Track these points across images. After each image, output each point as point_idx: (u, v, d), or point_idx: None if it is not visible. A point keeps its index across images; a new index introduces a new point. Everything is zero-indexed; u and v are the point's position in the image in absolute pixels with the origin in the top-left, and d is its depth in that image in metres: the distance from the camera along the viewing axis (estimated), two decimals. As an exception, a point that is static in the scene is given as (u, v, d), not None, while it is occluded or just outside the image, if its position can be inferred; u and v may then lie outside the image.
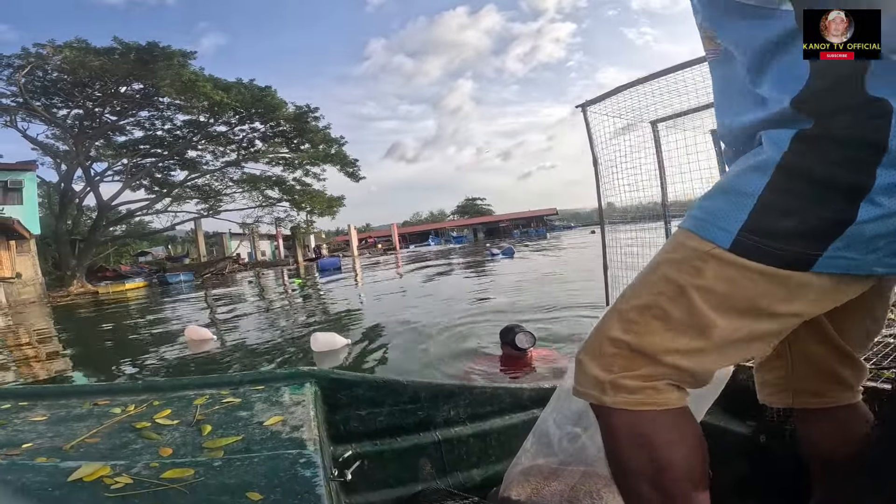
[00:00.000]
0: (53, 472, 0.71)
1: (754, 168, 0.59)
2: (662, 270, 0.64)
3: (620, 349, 0.64)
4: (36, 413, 0.93)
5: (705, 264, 0.60)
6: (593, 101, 2.91)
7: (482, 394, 1.28)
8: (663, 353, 0.61)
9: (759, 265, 0.57)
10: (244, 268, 30.10)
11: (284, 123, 27.15)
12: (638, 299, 0.65)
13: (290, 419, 0.91)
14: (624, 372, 0.63)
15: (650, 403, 0.62)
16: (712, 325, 0.59)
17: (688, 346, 0.61)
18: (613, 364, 0.64)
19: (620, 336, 0.64)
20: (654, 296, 0.63)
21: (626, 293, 0.69)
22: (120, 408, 0.94)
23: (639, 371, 0.62)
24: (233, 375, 1.10)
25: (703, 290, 0.60)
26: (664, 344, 0.61)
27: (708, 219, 0.62)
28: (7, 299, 15.93)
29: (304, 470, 0.75)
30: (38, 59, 20.48)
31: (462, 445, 1.23)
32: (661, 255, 0.67)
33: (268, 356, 5.09)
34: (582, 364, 0.68)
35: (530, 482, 1.01)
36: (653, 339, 0.62)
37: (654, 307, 0.62)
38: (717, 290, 0.59)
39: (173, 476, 0.73)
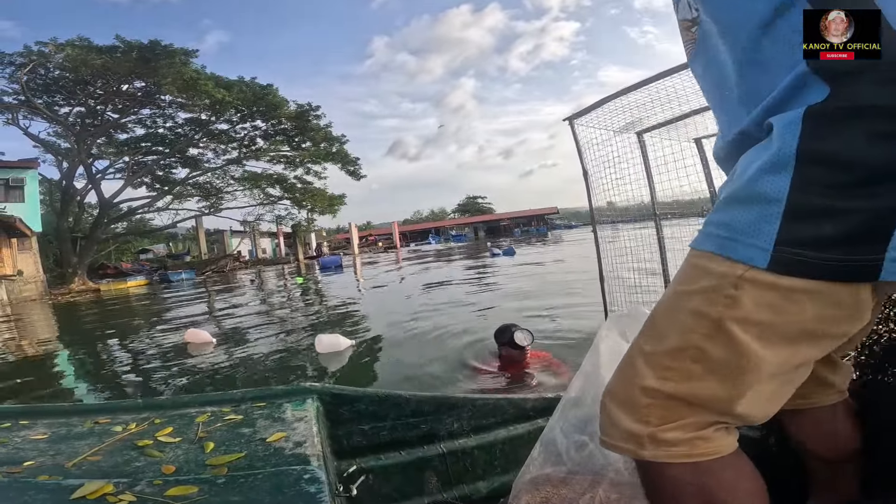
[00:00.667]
0: (56, 489, 0.71)
1: (770, 166, 0.50)
2: (690, 304, 0.55)
3: (656, 399, 0.56)
4: (36, 431, 0.92)
5: (740, 291, 0.52)
6: (580, 114, 2.94)
7: (485, 405, 1.27)
8: (709, 400, 0.54)
9: (807, 282, 0.49)
10: (245, 266, 30.17)
11: (286, 121, 27.16)
12: (667, 341, 0.56)
13: (293, 435, 0.90)
14: (664, 424, 0.56)
15: (698, 455, 0.55)
16: (760, 360, 0.51)
17: (735, 388, 0.53)
18: (650, 416, 0.56)
19: (655, 385, 0.56)
20: (687, 335, 0.55)
21: (649, 332, 0.60)
22: (121, 426, 0.94)
23: (682, 421, 0.55)
24: (234, 393, 1.10)
25: (744, 321, 0.52)
26: (708, 389, 0.54)
27: (732, 236, 0.53)
28: (9, 297, 15.98)
29: (309, 486, 0.74)
30: (40, 57, 20.49)
31: (467, 457, 1.22)
32: (681, 286, 0.58)
33: (271, 359, 5.08)
34: (610, 414, 0.61)
35: (539, 491, 1.00)
36: (694, 386, 0.54)
37: (689, 349, 0.54)
38: (760, 320, 0.51)
39: (177, 493, 0.72)
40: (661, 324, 0.59)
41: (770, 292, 0.50)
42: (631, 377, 0.59)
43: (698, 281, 0.55)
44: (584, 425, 1.01)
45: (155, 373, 4.98)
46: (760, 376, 0.52)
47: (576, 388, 1.03)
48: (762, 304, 0.51)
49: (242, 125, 27.30)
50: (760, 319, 0.51)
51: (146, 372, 5.06)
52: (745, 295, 0.51)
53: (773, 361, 0.52)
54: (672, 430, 0.55)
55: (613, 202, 3.16)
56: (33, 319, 11.44)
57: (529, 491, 0.98)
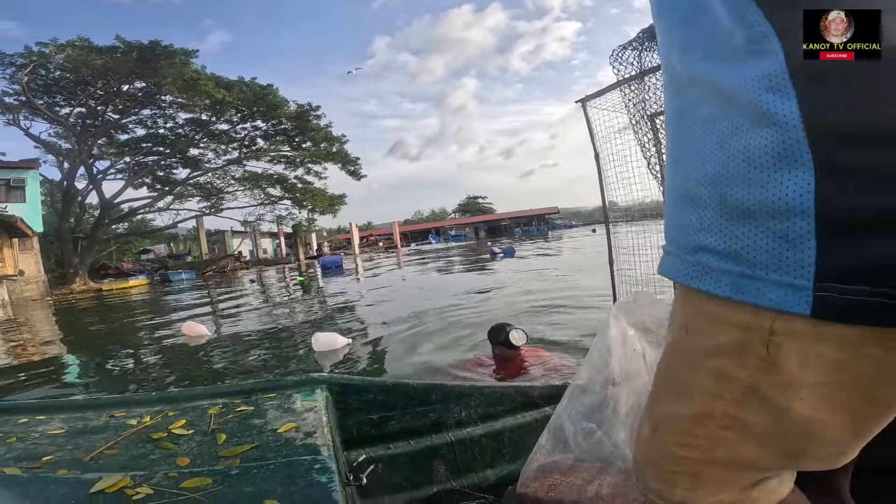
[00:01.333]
0: (75, 484, 0.72)
1: (772, 158, 0.36)
2: (711, 364, 0.43)
3: (682, 466, 0.48)
4: (53, 426, 0.94)
5: (778, 351, 0.38)
6: (593, 96, 2.91)
7: (493, 393, 1.28)
8: (752, 461, 0.45)
9: (875, 330, 0.34)
10: (246, 266, 30.16)
11: (286, 122, 27.17)
12: (689, 404, 0.46)
13: (303, 426, 0.91)
14: (697, 489, 0.47)
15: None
16: (821, 425, 0.40)
17: (787, 450, 0.44)
18: (677, 481, 0.48)
19: (679, 452, 0.47)
20: (713, 401, 0.44)
21: (666, 386, 0.50)
22: (136, 419, 0.95)
23: (718, 485, 0.47)
24: (244, 384, 1.11)
25: (789, 387, 0.39)
26: (749, 454, 0.45)
27: (748, 272, 0.38)
28: (10, 296, 16.00)
29: (320, 476, 0.75)
30: (40, 58, 20.51)
31: (475, 446, 1.23)
32: (695, 337, 0.45)
33: (270, 355, 5.11)
34: (639, 465, 0.54)
35: (547, 478, 1.01)
36: (731, 451, 0.45)
37: (716, 416, 0.44)
38: (813, 382, 0.39)
39: (192, 485, 0.73)
40: (679, 380, 0.48)
41: (821, 346, 0.37)
42: (652, 439, 0.51)
43: (714, 335, 0.42)
44: (591, 413, 1.01)
45: (155, 366, 5.04)
46: (823, 439, 0.42)
47: (583, 375, 1.03)
48: (811, 362, 0.38)
49: (243, 125, 27.33)
50: (814, 381, 0.38)
51: (148, 366, 5.11)
52: (784, 355, 0.38)
53: (838, 424, 0.40)
54: (708, 495, 0.47)
55: (615, 202, 3.16)
56: (37, 319, 11.45)
57: (537, 478, 0.99)
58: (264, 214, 31.27)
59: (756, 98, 0.37)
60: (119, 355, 5.97)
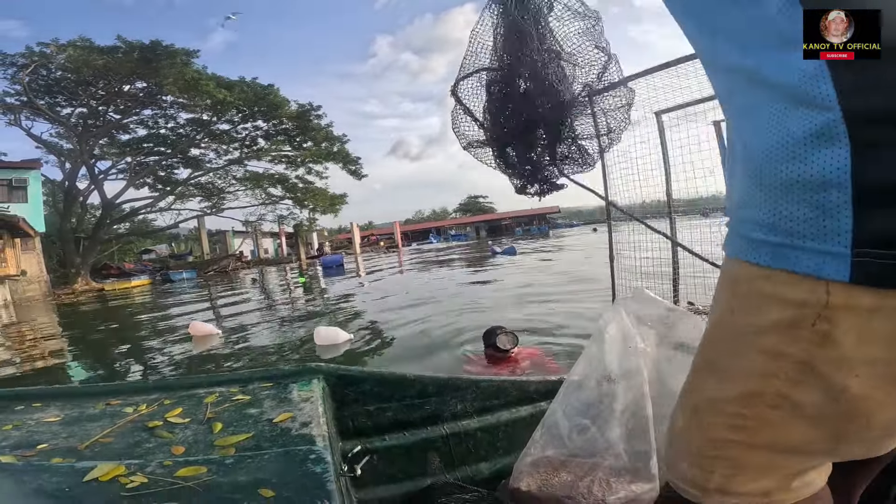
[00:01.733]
0: (70, 472, 0.72)
1: (811, 136, 0.38)
2: (761, 343, 0.43)
3: (725, 450, 0.47)
4: (49, 414, 0.94)
5: (832, 325, 0.39)
6: (598, 93, 2.91)
7: (489, 387, 1.29)
8: (800, 445, 0.45)
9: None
10: (247, 265, 30.21)
11: (287, 121, 27.19)
12: (736, 384, 0.46)
13: (300, 416, 0.92)
14: (736, 475, 0.47)
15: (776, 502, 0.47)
16: (878, 405, 0.40)
17: (838, 433, 0.43)
18: (716, 466, 0.48)
19: (724, 435, 0.47)
20: (764, 380, 0.43)
21: (708, 371, 0.49)
22: (132, 407, 0.95)
23: (760, 472, 0.46)
24: (242, 373, 1.11)
25: (844, 363, 0.39)
26: (798, 435, 0.44)
27: (786, 241, 0.40)
28: (12, 296, 16.04)
29: (315, 466, 0.75)
30: (41, 58, 20.55)
31: (470, 439, 1.24)
32: (742, 316, 0.45)
33: (272, 351, 5.14)
34: (671, 456, 0.54)
35: (540, 473, 1.01)
36: (778, 433, 0.44)
37: (767, 395, 0.44)
38: (871, 358, 0.39)
39: (187, 474, 0.73)
40: (723, 363, 0.48)
41: (877, 320, 0.37)
42: (691, 426, 0.51)
43: (764, 312, 0.43)
44: (586, 409, 1.01)
45: (162, 363, 5.06)
46: (876, 421, 0.41)
47: (579, 371, 1.03)
48: (867, 337, 0.38)
49: (244, 125, 27.37)
50: (870, 357, 0.38)
51: (154, 362, 5.14)
52: (839, 330, 0.39)
53: (892, 404, 0.40)
54: (747, 482, 0.47)
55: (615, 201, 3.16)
56: (43, 320, 11.47)
57: (531, 473, 0.99)
58: (265, 214, 31.35)
59: (797, 84, 0.40)
60: (128, 356, 5.98)
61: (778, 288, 0.41)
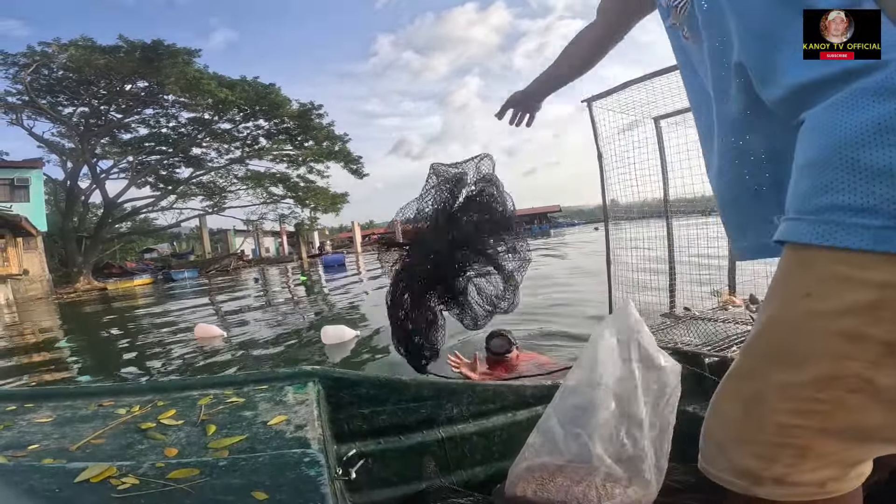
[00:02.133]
0: (60, 473, 0.72)
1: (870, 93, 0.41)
2: (838, 325, 0.43)
3: (794, 438, 0.46)
4: (41, 414, 0.93)
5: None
6: (599, 97, 2.91)
7: (485, 391, 1.28)
8: (875, 430, 0.44)
9: None
10: (248, 264, 30.29)
11: (288, 121, 27.23)
12: (810, 368, 0.45)
13: (294, 418, 0.91)
14: (800, 464, 0.46)
15: (821, 493, 0.47)
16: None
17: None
18: (781, 455, 0.47)
19: (795, 421, 0.46)
20: (841, 362, 0.43)
21: (775, 356, 0.49)
22: (125, 408, 0.95)
23: (824, 460, 0.46)
24: (236, 375, 1.11)
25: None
26: (873, 422, 0.44)
27: (889, 223, 0.41)
28: (14, 296, 16.10)
29: (309, 469, 0.75)
30: (43, 58, 20.61)
31: (466, 443, 1.23)
32: (815, 302, 0.45)
33: (278, 351, 5.17)
34: (723, 446, 0.53)
35: (535, 478, 1.01)
36: (855, 418, 0.44)
37: (846, 378, 0.43)
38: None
39: (179, 476, 0.73)
40: (793, 347, 0.47)
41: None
42: (758, 411, 0.49)
43: (843, 294, 0.43)
44: (580, 415, 1.01)
45: (167, 364, 5.09)
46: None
47: (573, 378, 1.04)
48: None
49: (245, 124, 27.42)
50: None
51: (159, 365, 5.15)
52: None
53: None
54: (807, 471, 0.46)
55: (616, 200, 3.16)
56: (45, 319, 11.51)
57: (526, 478, 0.99)
58: (267, 213, 31.40)
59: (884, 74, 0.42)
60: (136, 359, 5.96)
61: (862, 271, 0.42)
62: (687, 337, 1.80)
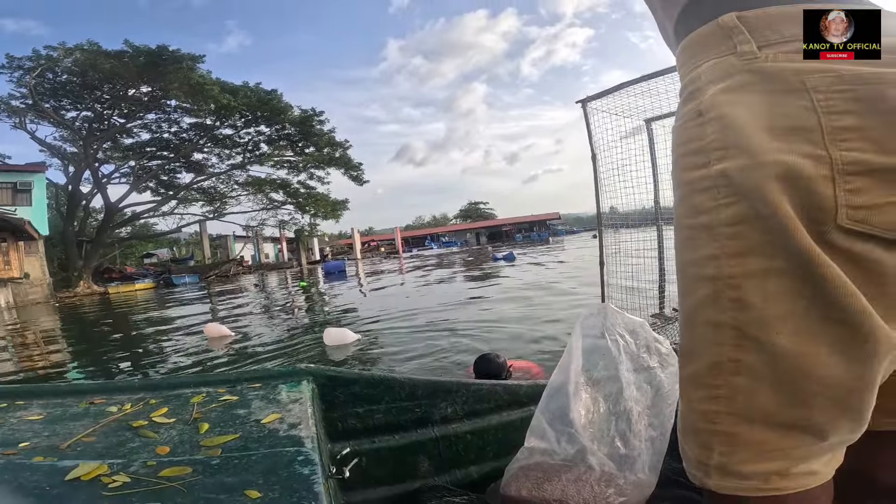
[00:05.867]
0: (50, 471, 0.71)
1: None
2: (699, 317, 0.49)
3: (717, 424, 0.48)
4: (32, 412, 0.93)
5: (742, 291, 0.46)
6: (594, 97, 2.93)
7: (479, 390, 1.27)
8: (774, 413, 0.46)
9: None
10: (248, 270, 30.27)
11: (290, 127, 27.37)
12: (700, 358, 0.50)
13: (288, 417, 0.90)
14: (734, 453, 0.47)
15: (769, 488, 0.47)
16: (812, 364, 0.44)
17: (800, 399, 0.44)
18: (714, 444, 0.49)
19: (708, 406, 0.49)
20: (716, 348, 0.49)
21: (681, 352, 0.53)
22: (116, 406, 0.94)
23: (757, 450, 0.47)
24: (229, 374, 1.10)
25: (765, 323, 0.44)
26: (767, 403, 0.46)
27: None
28: (14, 299, 16.09)
29: (302, 468, 0.74)
30: (48, 61, 20.76)
31: (460, 442, 1.22)
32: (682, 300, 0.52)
33: (284, 351, 5.18)
34: (681, 442, 0.54)
35: (529, 478, 1.01)
36: (749, 400, 0.46)
37: (724, 364, 0.48)
38: (784, 314, 0.44)
39: (171, 474, 0.72)
40: (686, 339, 0.52)
41: (774, 277, 0.44)
42: (684, 404, 0.53)
43: (695, 289, 0.49)
44: (565, 416, 1.02)
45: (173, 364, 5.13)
46: (823, 380, 0.44)
47: (555, 380, 1.04)
48: (771, 293, 0.44)
49: (247, 130, 27.56)
50: (781, 312, 0.44)
51: (168, 365, 5.18)
52: (747, 293, 0.45)
53: (825, 359, 0.43)
54: (745, 461, 0.47)
55: (615, 207, 3.17)
56: (49, 323, 11.49)
57: (520, 477, 0.99)
58: (267, 219, 31.48)
59: None
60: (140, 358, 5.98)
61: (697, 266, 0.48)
62: (677, 336, 1.80)
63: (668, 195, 2.83)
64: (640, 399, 1.07)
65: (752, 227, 0.44)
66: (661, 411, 1.06)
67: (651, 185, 2.93)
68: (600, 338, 1.09)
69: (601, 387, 1.10)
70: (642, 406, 1.06)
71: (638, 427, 1.05)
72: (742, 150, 0.43)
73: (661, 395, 1.08)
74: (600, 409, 1.09)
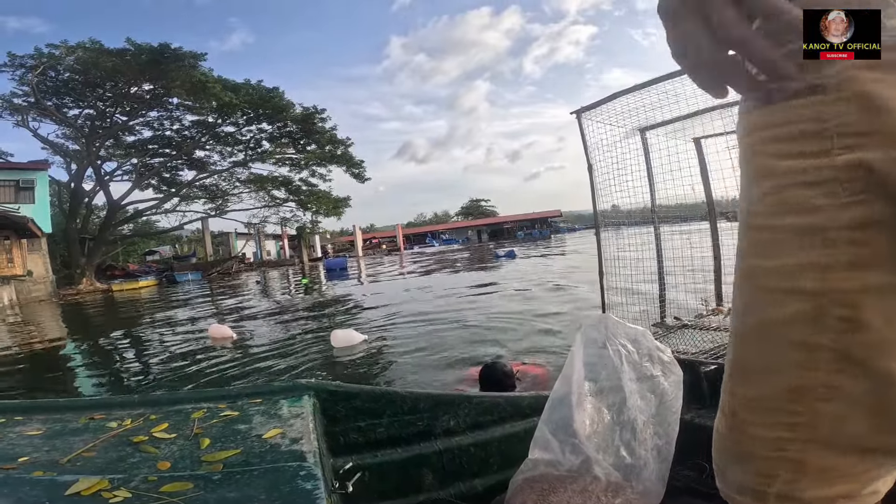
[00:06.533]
0: (50, 486, 0.71)
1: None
2: (786, 337, 0.43)
3: (781, 451, 0.44)
4: (31, 427, 0.92)
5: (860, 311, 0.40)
6: (588, 108, 2.92)
7: (482, 403, 1.27)
8: (865, 440, 0.42)
9: None
10: (250, 267, 30.34)
11: (291, 124, 27.35)
12: (778, 380, 0.45)
13: (290, 432, 0.90)
14: (801, 479, 0.44)
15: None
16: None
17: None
18: (778, 469, 0.45)
19: (774, 434, 0.44)
20: (804, 372, 0.43)
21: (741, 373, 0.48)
22: (116, 421, 0.94)
23: (827, 475, 0.44)
24: (230, 389, 1.10)
25: (882, 346, 0.40)
26: (856, 430, 0.42)
27: None
28: (18, 297, 16.15)
29: (305, 482, 0.74)
30: (50, 60, 20.76)
31: (463, 455, 1.22)
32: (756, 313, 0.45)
33: (289, 352, 5.19)
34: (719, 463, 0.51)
35: (534, 490, 1.00)
36: (835, 427, 0.42)
37: (814, 388, 0.43)
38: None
39: (172, 490, 0.72)
40: (759, 359, 0.46)
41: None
42: (737, 427, 0.48)
43: (783, 306, 0.43)
44: (569, 426, 1.01)
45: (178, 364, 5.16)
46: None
47: (558, 390, 1.04)
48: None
49: (248, 128, 27.53)
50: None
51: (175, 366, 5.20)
52: (866, 313, 0.40)
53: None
54: (812, 486, 0.44)
55: (617, 205, 3.15)
56: (53, 322, 11.53)
57: (525, 489, 0.98)
58: (269, 216, 31.49)
59: None
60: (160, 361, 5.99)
61: (793, 280, 0.40)
62: (682, 346, 1.80)
63: (664, 200, 2.83)
64: (644, 408, 1.06)
65: (882, 233, 0.37)
66: (666, 420, 1.05)
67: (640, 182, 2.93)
68: (602, 348, 1.08)
69: (604, 397, 1.09)
70: (647, 415, 1.05)
71: (643, 436, 1.04)
72: (891, 139, 0.36)
73: (665, 403, 1.07)
74: (604, 419, 1.08)
